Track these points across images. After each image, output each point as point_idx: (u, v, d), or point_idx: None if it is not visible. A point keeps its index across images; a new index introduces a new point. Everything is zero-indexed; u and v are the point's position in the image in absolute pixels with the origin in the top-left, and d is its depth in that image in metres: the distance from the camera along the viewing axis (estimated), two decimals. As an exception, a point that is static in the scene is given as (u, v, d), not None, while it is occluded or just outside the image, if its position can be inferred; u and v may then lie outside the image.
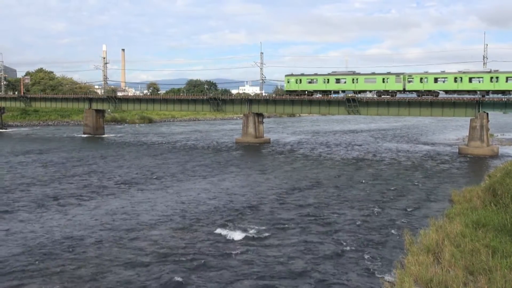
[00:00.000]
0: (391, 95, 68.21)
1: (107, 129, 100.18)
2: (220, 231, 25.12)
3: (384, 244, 22.97)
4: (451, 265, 16.79)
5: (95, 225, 26.20)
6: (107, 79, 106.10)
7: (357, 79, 69.91)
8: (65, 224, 26.46)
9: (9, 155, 58.37)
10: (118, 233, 24.77)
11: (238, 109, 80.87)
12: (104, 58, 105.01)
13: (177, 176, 43.58)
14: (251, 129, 76.62)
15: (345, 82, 71.68)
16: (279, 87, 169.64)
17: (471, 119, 62.79)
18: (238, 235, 24.31)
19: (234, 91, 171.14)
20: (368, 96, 72.71)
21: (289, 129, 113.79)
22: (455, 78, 63.86)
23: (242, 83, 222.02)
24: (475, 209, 24.47)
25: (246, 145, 73.57)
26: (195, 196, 34.42)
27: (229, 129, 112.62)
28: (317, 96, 74.00)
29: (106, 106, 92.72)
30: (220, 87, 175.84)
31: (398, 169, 49.14)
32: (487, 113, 63.37)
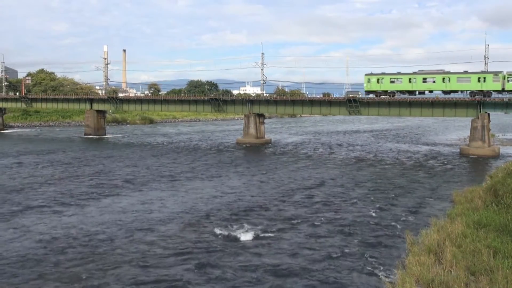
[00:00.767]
0: (487, 96, 63.60)
1: (108, 129, 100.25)
2: (229, 227, 25.87)
3: (385, 244, 22.96)
4: (453, 266, 16.77)
5: (108, 222, 27.04)
6: (108, 79, 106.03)
7: (448, 78, 64.97)
8: (80, 220, 27.33)
9: (19, 155, 58.54)
10: (130, 229, 25.54)
11: (239, 109, 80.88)
12: (105, 58, 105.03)
13: (184, 175, 44.11)
14: (252, 130, 76.58)
15: (433, 81, 66.51)
16: (279, 87, 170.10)
17: (472, 120, 62.68)
18: (246, 231, 25.08)
19: (235, 92, 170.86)
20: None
21: (291, 130, 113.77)
22: None
23: (243, 83, 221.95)
24: (476, 210, 24.44)
25: (247, 145, 73.59)
26: (203, 194, 35.20)
27: (230, 129, 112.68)
28: (399, 97, 68.66)
29: (107, 106, 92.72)
30: (221, 87, 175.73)
31: (399, 169, 49.11)
32: (489, 114, 63.34)
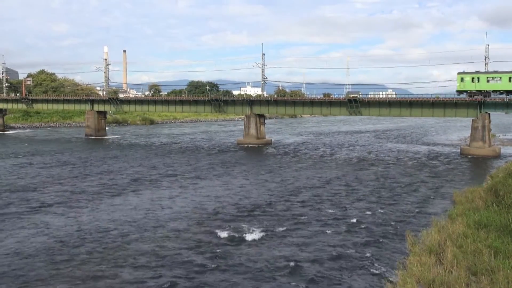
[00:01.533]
0: None
1: (109, 130, 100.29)
2: (236, 224, 26.31)
3: (386, 244, 22.94)
4: (454, 266, 16.78)
5: (119, 219, 27.65)
6: (109, 80, 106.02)
7: None
8: (92, 218, 27.96)
9: (27, 156, 58.73)
10: (141, 226, 26.12)
11: (239, 110, 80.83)
12: (105, 59, 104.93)
13: (189, 175, 44.53)
14: (252, 130, 76.51)
15: None
16: (280, 87, 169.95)
17: (473, 120, 62.59)
18: (253, 228, 25.54)
19: (235, 92, 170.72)
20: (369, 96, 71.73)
21: (292, 130, 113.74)
22: None
23: (243, 84, 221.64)
24: (477, 210, 24.43)
25: (248, 146, 73.58)
26: (211, 192, 35.79)
27: (231, 130, 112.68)
28: (495, 97, 63.88)
29: (107, 107, 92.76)
30: (221, 88, 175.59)
31: (400, 169, 49.09)
32: (489, 114, 63.25)
